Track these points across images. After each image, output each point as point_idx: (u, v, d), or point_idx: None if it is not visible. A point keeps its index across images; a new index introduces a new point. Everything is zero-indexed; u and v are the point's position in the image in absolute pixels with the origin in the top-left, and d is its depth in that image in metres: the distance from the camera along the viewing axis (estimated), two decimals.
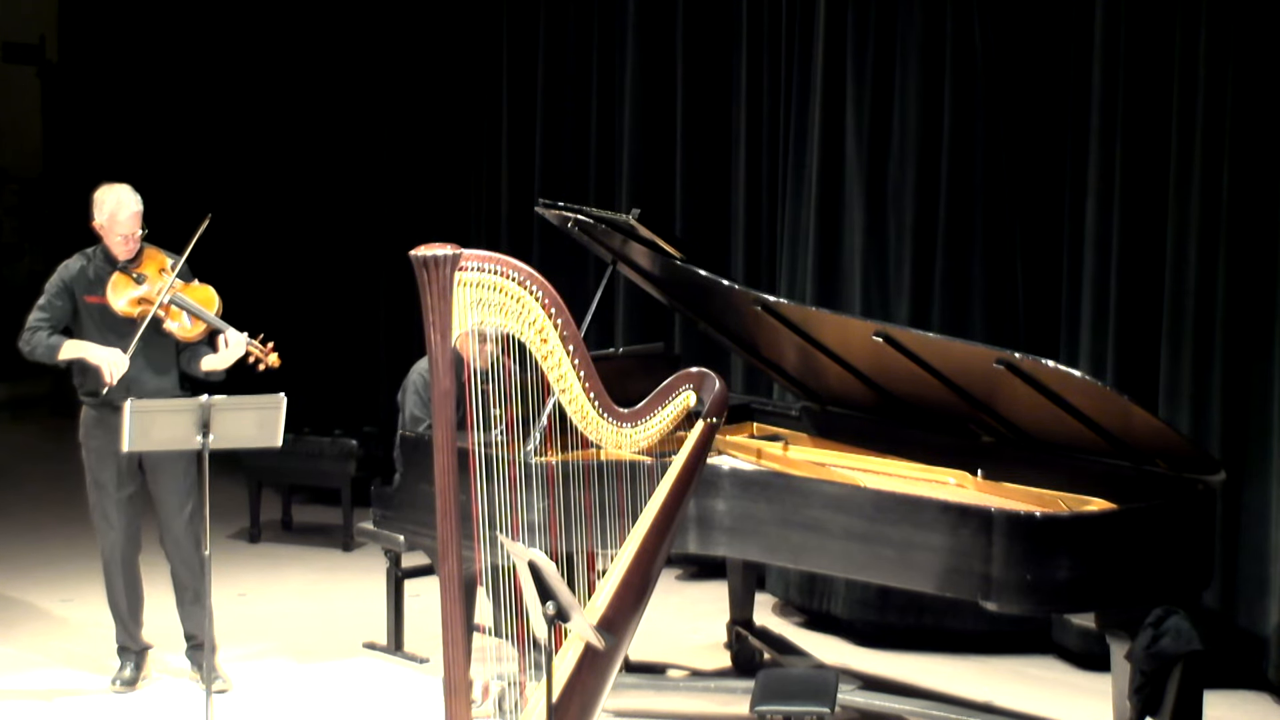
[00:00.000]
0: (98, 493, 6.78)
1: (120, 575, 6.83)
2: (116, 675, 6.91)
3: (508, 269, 5.25)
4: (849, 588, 7.61)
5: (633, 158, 8.94)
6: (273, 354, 6.65)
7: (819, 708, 5.63)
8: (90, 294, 6.67)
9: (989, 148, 7.52)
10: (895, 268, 7.71)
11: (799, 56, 8.08)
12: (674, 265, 6.68)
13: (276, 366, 6.66)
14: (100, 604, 7.06)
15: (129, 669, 6.91)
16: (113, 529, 6.78)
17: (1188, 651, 5.53)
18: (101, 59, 12.22)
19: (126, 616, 6.90)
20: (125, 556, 6.83)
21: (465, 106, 9.92)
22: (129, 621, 6.91)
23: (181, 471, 6.73)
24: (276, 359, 6.65)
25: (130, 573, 6.86)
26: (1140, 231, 7.09)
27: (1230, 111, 6.82)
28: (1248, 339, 6.89)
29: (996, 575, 5.50)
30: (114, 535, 6.79)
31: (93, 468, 6.77)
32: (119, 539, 6.79)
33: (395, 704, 6.81)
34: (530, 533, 5.85)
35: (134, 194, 6.69)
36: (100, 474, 6.75)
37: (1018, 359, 5.76)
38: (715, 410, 5.68)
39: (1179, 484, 5.78)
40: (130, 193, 6.69)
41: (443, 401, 5.17)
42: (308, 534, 9.47)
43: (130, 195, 6.68)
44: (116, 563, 6.82)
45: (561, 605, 4.83)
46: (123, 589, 6.85)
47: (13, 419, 12.64)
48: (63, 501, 9.82)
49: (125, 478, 6.75)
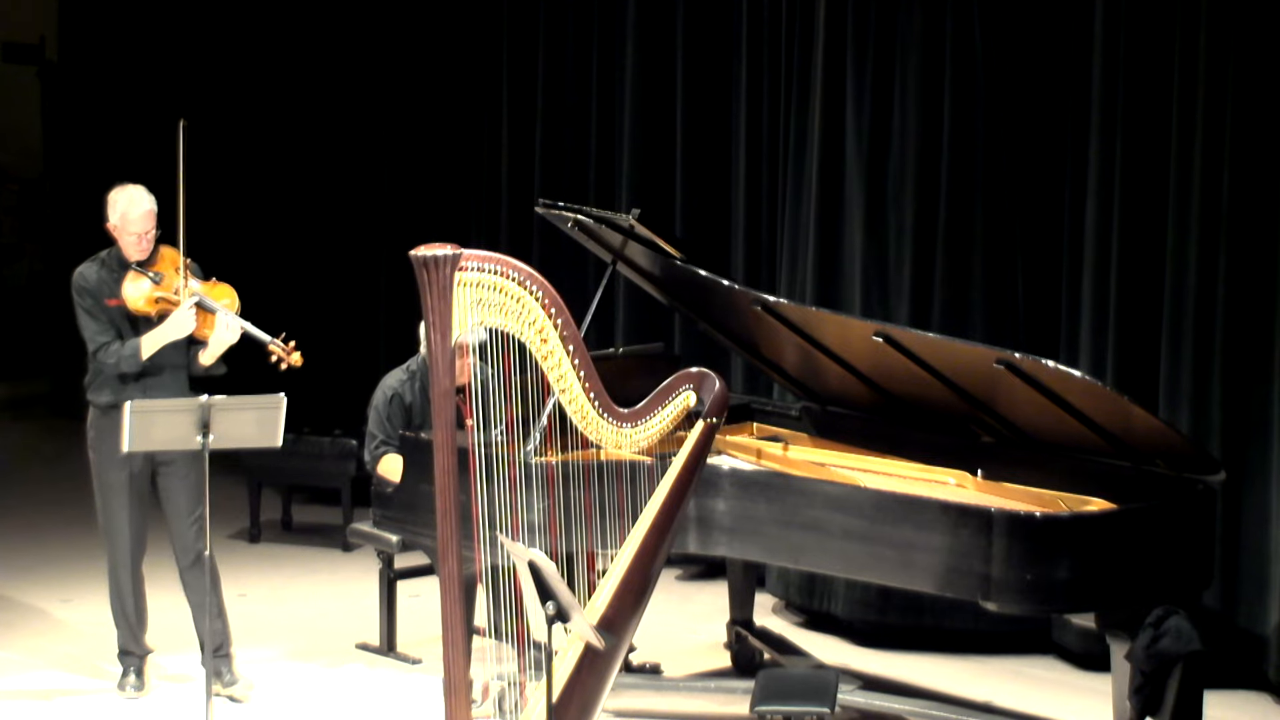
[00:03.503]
0: (105, 496, 6.74)
1: (127, 579, 6.79)
2: (122, 680, 6.86)
3: (508, 269, 5.25)
4: (849, 588, 7.60)
5: (633, 158, 8.94)
6: (295, 353, 6.60)
7: (819, 708, 5.63)
8: (111, 297, 6.64)
9: (989, 148, 7.52)
10: (895, 268, 7.71)
11: (799, 56, 8.08)
12: (674, 265, 6.68)
13: (299, 366, 6.63)
14: (100, 604, 7.06)
15: (133, 674, 6.87)
16: (120, 533, 6.74)
17: (1188, 651, 5.53)
18: (101, 59, 12.21)
19: (132, 621, 6.85)
20: (132, 561, 6.79)
21: (465, 106, 9.92)
22: (134, 626, 6.86)
23: (193, 480, 6.66)
24: (299, 358, 6.60)
25: (136, 577, 6.82)
26: (1140, 231, 7.09)
27: (1230, 111, 6.82)
28: (1248, 339, 6.89)
29: (996, 575, 5.50)
30: (121, 539, 6.75)
31: (101, 471, 6.72)
32: (126, 543, 6.75)
33: (384, 706, 6.81)
34: (530, 533, 5.85)
35: (146, 193, 6.65)
36: (108, 477, 6.71)
37: (1018, 359, 5.76)
38: (715, 410, 5.69)
39: (1179, 484, 5.78)
40: (142, 192, 6.65)
41: (443, 401, 5.17)
42: (308, 534, 9.47)
43: (142, 194, 6.64)
44: (124, 567, 6.77)
45: (561, 605, 4.84)
46: (130, 593, 6.81)
47: (13, 419, 12.63)
48: (63, 501, 9.82)
49: (136, 481, 6.70)
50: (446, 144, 10.04)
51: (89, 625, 7.71)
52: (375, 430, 7.03)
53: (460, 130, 9.95)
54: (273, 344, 6.59)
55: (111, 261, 6.68)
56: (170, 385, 6.62)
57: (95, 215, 6.88)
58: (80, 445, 6.84)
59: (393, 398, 7.03)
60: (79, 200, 12.29)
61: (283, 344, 6.61)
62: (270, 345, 6.59)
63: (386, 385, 7.09)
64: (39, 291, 13.17)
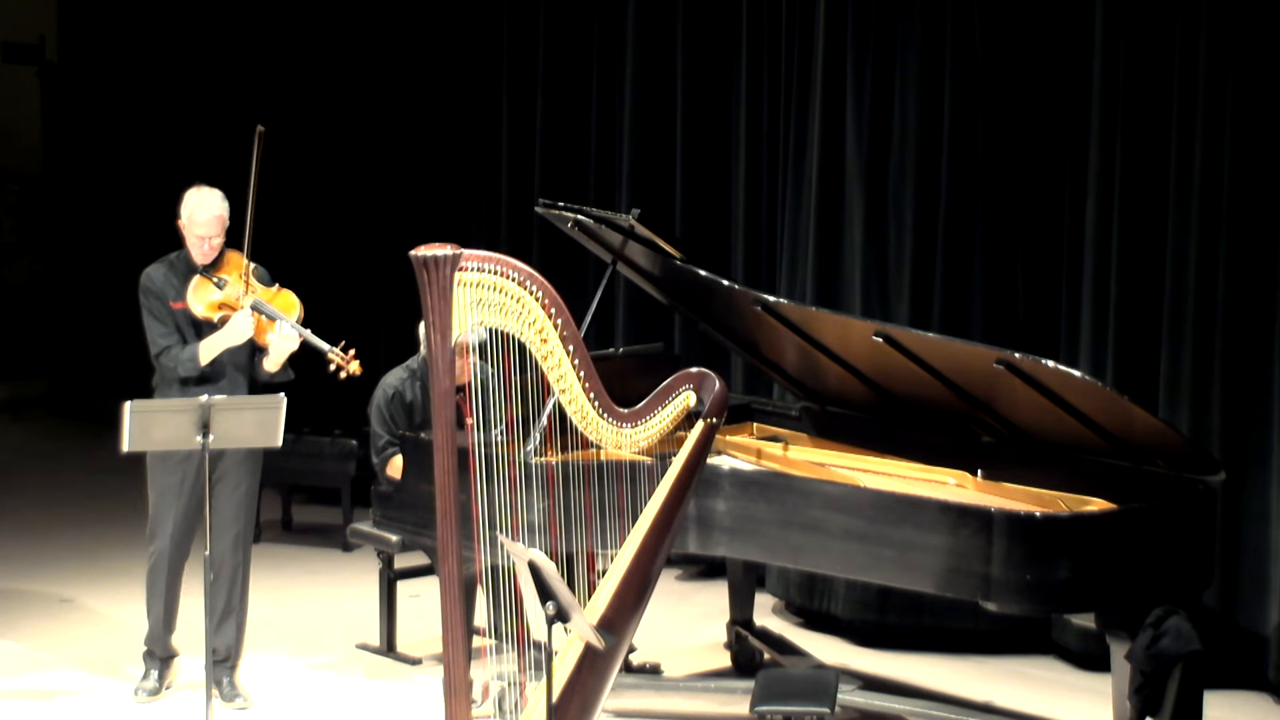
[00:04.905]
0: (156, 497, 6.70)
1: (164, 581, 6.75)
2: (140, 684, 6.83)
3: (508, 269, 5.25)
4: (849, 588, 7.60)
5: (633, 158, 8.94)
6: (354, 361, 6.58)
7: (819, 708, 5.63)
8: (176, 300, 6.62)
9: (989, 148, 7.52)
10: (895, 268, 7.71)
11: (799, 56, 8.08)
12: (674, 265, 6.68)
13: (359, 374, 6.61)
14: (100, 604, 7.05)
15: (153, 676, 6.83)
16: (164, 534, 6.70)
17: (1188, 651, 5.53)
18: (101, 59, 12.22)
19: (162, 624, 6.81)
20: (172, 565, 6.74)
21: (465, 106, 9.92)
22: (163, 629, 6.82)
23: (242, 494, 6.66)
24: (358, 366, 6.58)
25: (173, 579, 6.77)
26: (1140, 231, 7.09)
27: (1230, 111, 6.82)
28: (1248, 339, 6.90)
29: (996, 575, 5.50)
30: (164, 542, 6.71)
31: (154, 474, 6.69)
32: (168, 546, 6.71)
33: (384, 706, 6.81)
34: (530, 533, 5.85)
35: (218, 197, 6.60)
36: (163, 480, 6.67)
37: (1018, 359, 5.76)
38: (715, 410, 5.69)
39: (1179, 484, 5.78)
40: (215, 196, 6.60)
41: (443, 401, 5.17)
42: (308, 534, 9.47)
43: (212, 197, 6.60)
44: (162, 570, 6.73)
45: (561, 605, 4.84)
46: (163, 594, 6.76)
47: (13, 419, 12.63)
48: (63, 501, 9.83)
49: (190, 487, 6.64)
50: (447, 144, 10.04)
51: (89, 625, 7.71)
52: (380, 430, 7.02)
53: (460, 130, 9.95)
54: (332, 352, 6.57)
55: (179, 264, 6.66)
56: (230, 390, 6.58)
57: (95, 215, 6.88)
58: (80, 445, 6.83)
59: (394, 396, 7.03)
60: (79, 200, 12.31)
61: (341, 352, 6.59)
62: (329, 354, 6.57)
63: (387, 384, 7.09)
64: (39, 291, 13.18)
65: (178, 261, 6.68)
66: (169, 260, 6.70)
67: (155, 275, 6.67)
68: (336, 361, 6.57)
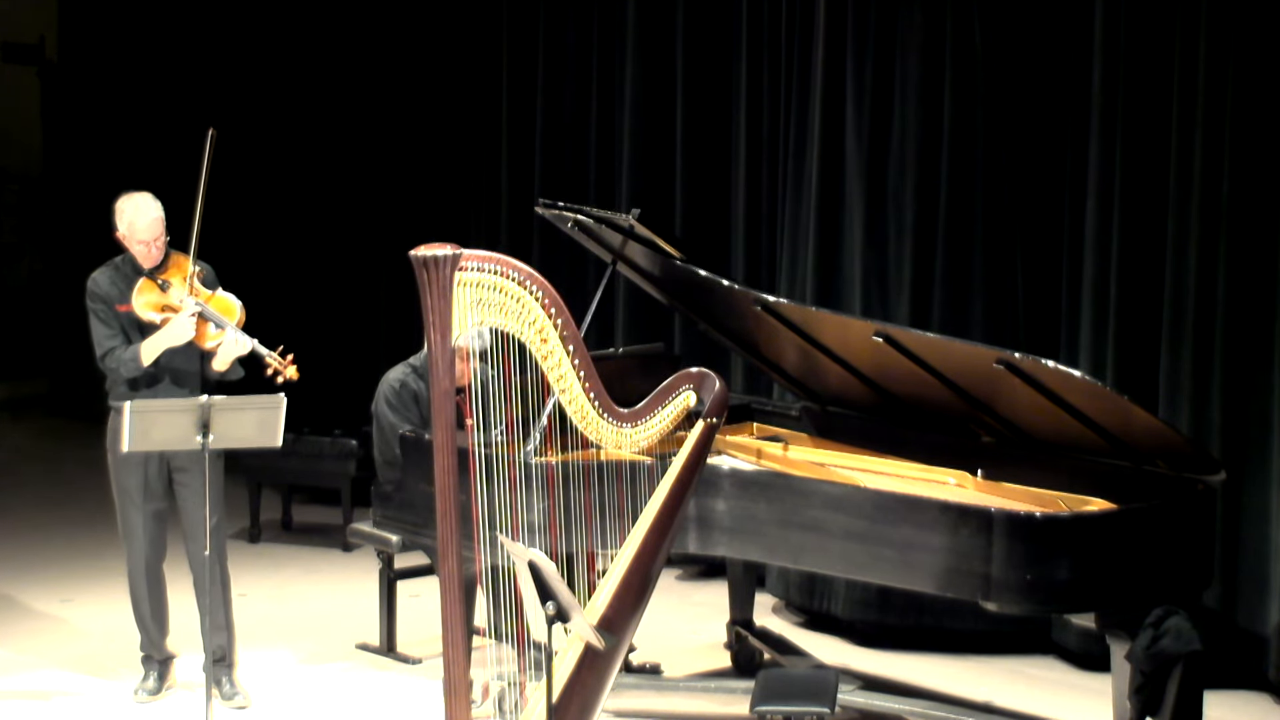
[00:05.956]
0: (121, 499, 6.72)
1: (144, 584, 6.76)
2: (140, 685, 6.83)
3: (508, 269, 5.25)
4: (849, 588, 7.61)
5: (633, 158, 8.94)
6: (291, 366, 6.57)
7: (819, 708, 5.62)
8: (121, 303, 6.64)
9: (989, 148, 7.52)
10: (895, 268, 7.71)
11: (799, 56, 8.08)
12: (674, 265, 6.68)
13: (295, 380, 6.61)
14: (100, 604, 7.06)
15: (152, 679, 6.83)
16: (135, 536, 6.71)
17: (1188, 651, 5.53)
18: (101, 59, 12.22)
19: (151, 625, 6.81)
20: (149, 565, 6.75)
21: (465, 107, 9.92)
22: (153, 631, 6.83)
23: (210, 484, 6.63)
24: (295, 371, 6.57)
25: (154, 582, 6.78)
26: (1140, 232, 7.09)
27: (1230, 112, 6.82)
28: (1248, 339, 6.90)
29: (996, 575, 5.49)
30: (138, 544, 6.72)
31: (117, 475, 6.70)
32: (141, 547, 6.72)
33: (384, 706, 6.81)
34: (530, 533, 5.85)
35: (153, 201, 6.62)
36: (125, 481, 6.68)
37: (1018, 359, 5.76)
38: (715, 410, 5.69)
39: (1179, 484, 5.78)
40: (149, 200, 6.62)
41: (443, 401, 5.17)
42: (308, 534, 9.47)
43: (149, 202, 6.61)
44: (140, 572, 6.75)
45: (561, 605, 4.83)
46: (146, 597, 6.77)
47: (13, 419, 12.64)
48: (63, 501, 9.83)
49: (152, 486, 6.68)
50: (447, 144, 10.05)
51: (89, 625, 7.71)
52: (399, 422, 6.91)
53: (460, 130, 9.96)
54: (269, 357, 6.57)
55: (125, 267, 6.69)
56: (178, 391, 6.60)
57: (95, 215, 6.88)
58: (79, 445, 6.83)
59: (400, 387, 6.98)
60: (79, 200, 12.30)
61: (280, 357, 6.59)
62: (266, 358, 6.57)
63: (391, 378, 7.03)
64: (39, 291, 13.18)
65: (123, 265, 6.70)
66: (115, 264, 6.73)
67: (101, 280, 6.70)
68: (274, 365, 6.57)
